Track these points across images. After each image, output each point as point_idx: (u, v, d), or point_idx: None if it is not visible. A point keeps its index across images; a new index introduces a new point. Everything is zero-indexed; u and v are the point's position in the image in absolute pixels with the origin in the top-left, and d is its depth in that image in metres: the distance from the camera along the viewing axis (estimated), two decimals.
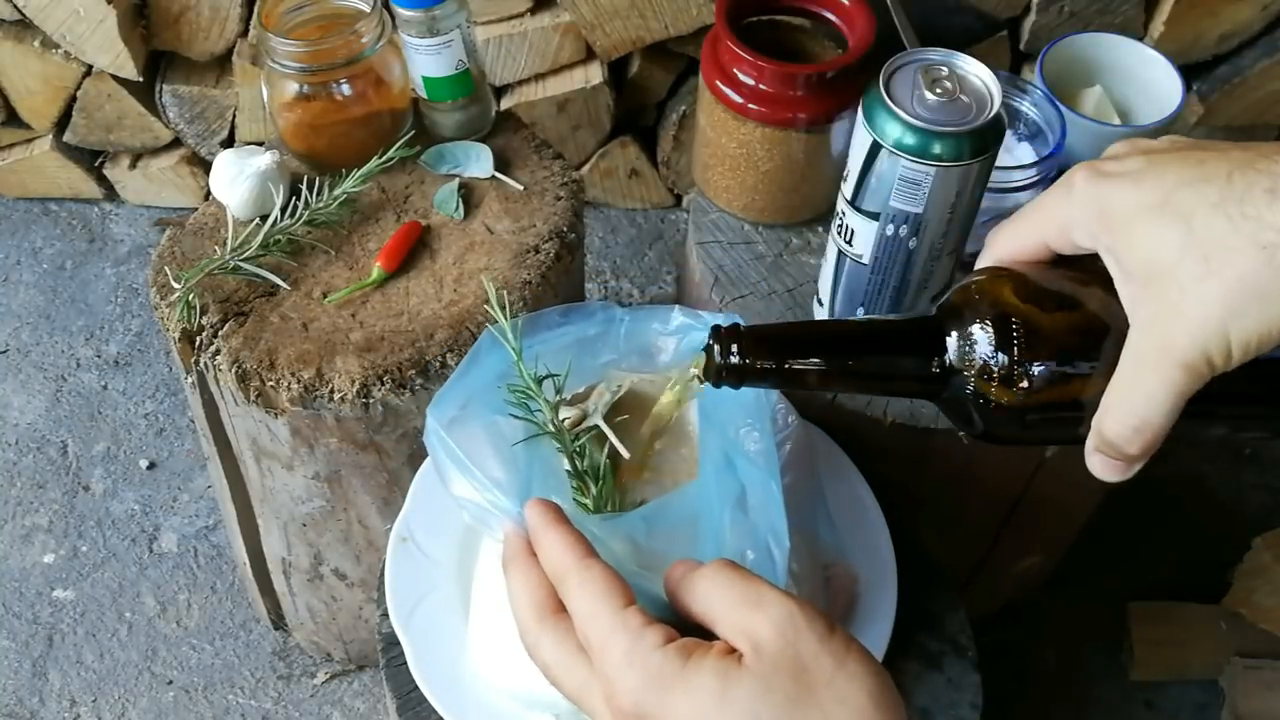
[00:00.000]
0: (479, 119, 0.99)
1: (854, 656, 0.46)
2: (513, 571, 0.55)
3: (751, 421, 0.62)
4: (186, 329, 0.86)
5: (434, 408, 0.61)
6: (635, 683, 0.47)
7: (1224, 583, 1.24)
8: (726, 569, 0.50)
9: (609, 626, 0.48)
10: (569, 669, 0.50)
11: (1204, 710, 1.23)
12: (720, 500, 0.60)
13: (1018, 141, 0.95)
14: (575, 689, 0.50)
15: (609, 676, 0.48)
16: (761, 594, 0.48)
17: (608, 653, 0.48)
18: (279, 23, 0.89)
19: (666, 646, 0.47)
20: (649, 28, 1.39)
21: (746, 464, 0.61)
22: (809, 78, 0.87)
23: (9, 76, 1.49)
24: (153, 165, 1.61)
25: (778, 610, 0.47)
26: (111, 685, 1.24)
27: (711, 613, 0.49)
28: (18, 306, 1.57)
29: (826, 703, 0.45)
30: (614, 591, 0.50)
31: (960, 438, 0.88)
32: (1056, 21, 1.38)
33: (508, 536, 0.56)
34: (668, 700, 0.46)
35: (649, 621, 0.48)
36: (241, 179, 0.90)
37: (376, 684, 1.24)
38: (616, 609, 0.49)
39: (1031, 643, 1.28)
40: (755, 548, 0.58)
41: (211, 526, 1.36)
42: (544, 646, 0.51)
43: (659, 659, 0.47)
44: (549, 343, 0.67)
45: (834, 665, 0.46)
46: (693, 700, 0.46)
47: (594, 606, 0.49)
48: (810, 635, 0.46)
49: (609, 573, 0.51)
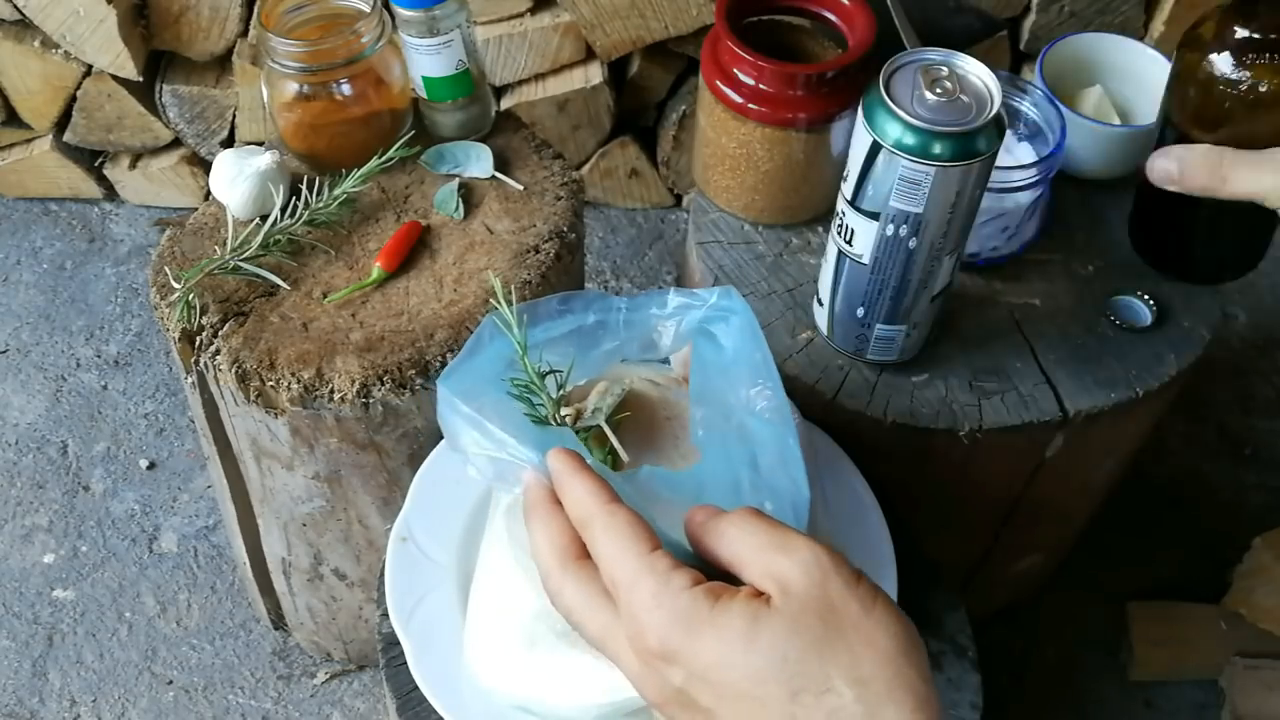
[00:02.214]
0: (479, 119, 0.99)
1: (881, 603, 0.47)
2: (535, 518, 0.54)
3: (761, 381, 0.62)
4: (186, 329, 0.86)
5: (444, 379, 0.60)
6: (663, 623, 0.47)
7: (1224, 583, 1.24)
8: (752, 515, 0.50)
9: (636, 569, 0.48)
10: (593, 612, 0.50)
11: (1204, 710, 1.23)
12: (738, 465, 0.59)
13: (1018, 141, 0.95)
14: (598, 632, 0.50)
15: (636, 617, 0.48)
16: (788, 538, 0.48)
17: (635, 594, 0.48)
18: (279, 23, 0.89)
19: (695, 588, 0.47)
20: (649, 28, 1.39)
21: (759, 424, 0.60)
22: (809, 78, 0.87)
23: (9, 76, 1.49)
24: (153, 165, 1.61)
25: (805, 554, 0.47)
26: (111, 685, 1.24)
27: (738, 557, 0.49)
28: (18, 306, 1.57)
29: (855, 644, 0.45)
30: (640, 535, 0.49)
31: (960, 438, 0.88)
32: (1056, 21, 1.38)
33: (529, 484, 0.56)
34: (696, 641, 0.46)
35: (676, 565, 0.48)
36: (241, 179, 0.90)
37: (376, 684, 1.24)
38: (643, 552, 0.49)
39: (1031, 643, 1.28)
40: (775, 498, 0.57)
41: (211, 526, 1.36)
42: (567, 591, 0.51)
43: (687, 600, 0.47)
44: (548, 331, 0.66)
45: (861, 610, 0.46)
46: (721, 641, 0.46)
47: (620, 549, 0.49)
48: (838, 579, 0.46)
49: (635, 517, 0.50)
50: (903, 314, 0.84)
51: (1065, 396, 0.89)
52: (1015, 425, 0.88)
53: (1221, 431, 1.45)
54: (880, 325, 0.85)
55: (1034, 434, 0.90)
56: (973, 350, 0.92)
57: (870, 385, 0.90)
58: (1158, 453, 0.86)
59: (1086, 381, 0.90)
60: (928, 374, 0.90)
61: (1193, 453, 1.43)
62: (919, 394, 0.89)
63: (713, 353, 0.66)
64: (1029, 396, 0.89)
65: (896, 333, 0.86)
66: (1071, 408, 0.89)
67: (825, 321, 0.89)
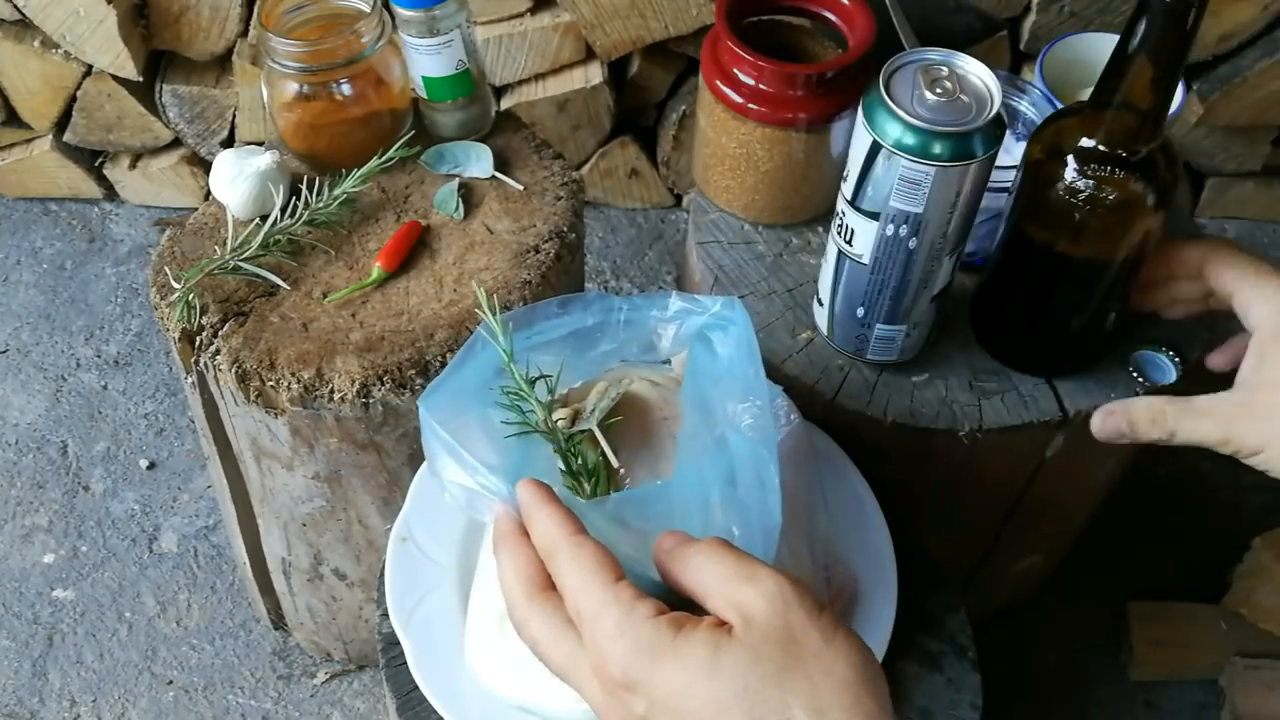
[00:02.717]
0: (479, 119, 0.99)
1: (841, 634, 0.48)
2: (503, 550, 0.55)
3: (751, 398, 0.62)
4: (186, 329, 0.86)
5: (425, 399, 0.61)
6: (626, 652, 0.47)
7: (1224, 583, 1.24)
8: (719, 545, 0.51)
9: (600, 599, 0.49)
10: (557, 642, 0.51)
11: (1204, 710, 1.23)
12: (710, 481, 0.60)
13: (1017, 141, 0.94)
14: (562, 662, 0.51)
15: (599, 647, 0.48)
16: (754, 569, 0.49)
17: (599, 624, 0.49)
18: (279, 23, 0.89)
19: (658, 617, 0.48)
20: (649, 28, 1.39)
21: (739, 439, 0.60)
22: (809, 78, 0.87)
23: (9, 76, 1.49)
24: (153, 165, 1.61)
25: (769, 584, 0.48)
26: (111, 685, 1.24)
27: (703, 586, 0.50)
28: (18, 306, 1.57)
29: (814, 674, 0.46)
30: (605, 566, 0.50)
31: (961, 438, 0.88)
32: (1057, 21, 1.38)
33: (498, 517, 0.57)
34: (658, 670, 0.47)
35: (640, 595, 0.49)
36: (241, 179, 0.90)
37: (376, 684, 1.24)
38: (608, 582, 0.49)
39: (1031, 643, 1.28)
40: (742, 524, 0.58)
41: (211, 526, 1.36)
42: (532, 621, 0.52)
43: (650, 629, 0.47)
44: (546, 333, 0.66)
45: (822, 640, 0.47)
46: (683, 669, 0.46)
47: (585, 580, 0.50)
48: (800, 610, 0.47)
49: (600, 549, 0.51)
50: (903, 314, 0.84)
51: (1065, 396, 0.89)
52: (1015, 425, 0.88)
53: None
54: (880, 325, 0.85)
55: (1034, 434, 0.90)
56: (973, 350, 0.92)
57: (870, 385, 0.90)
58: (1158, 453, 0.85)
59: (1087, 382, 0.90)
60: (928, 374, 0.90)
61: (1193, 453, 1.42)
62: (919, 394, 0.89)
63: (708, 360, 0.66)
64: (1029, 396, 0.89)
65: (896, 333, 0.86)
66: (1072, 408, 0.89)
67: (825, 321, 0.89)
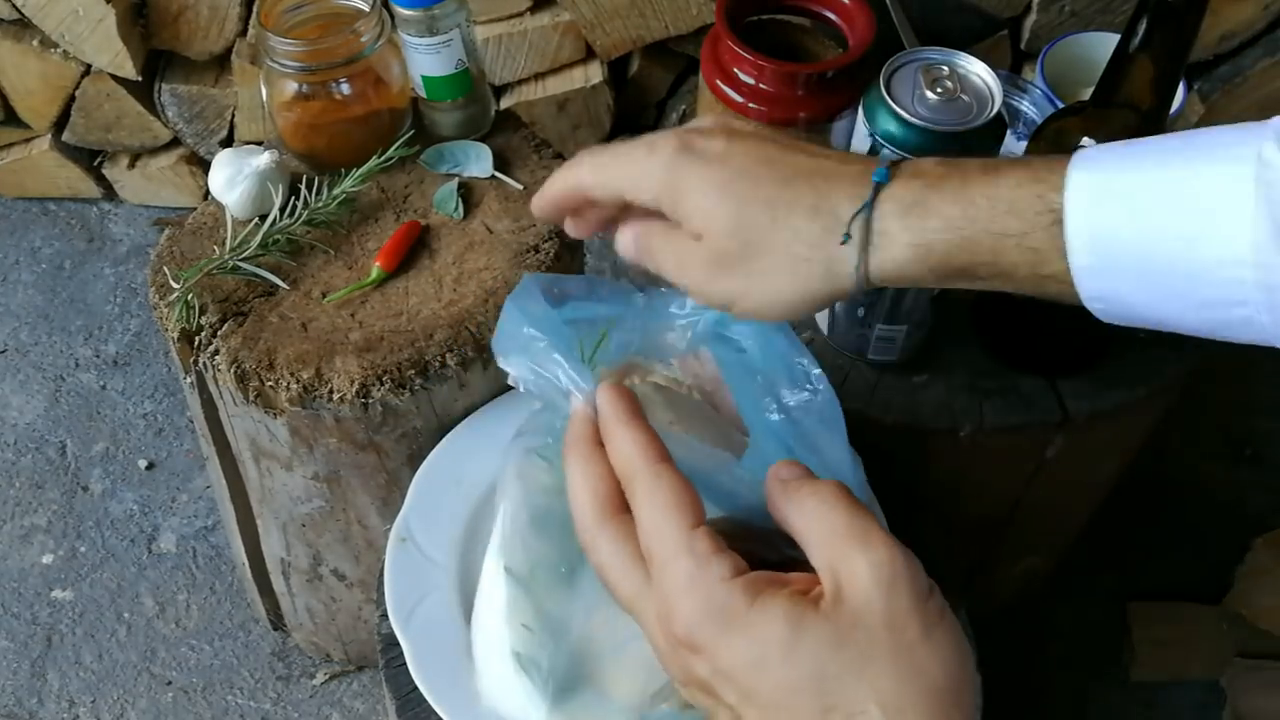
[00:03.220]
0: (479, 118, 0.99)
1: (944, 627, 0.42)
2: (575, 459, 0.51)
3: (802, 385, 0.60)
4: (185, 329, 0.86)
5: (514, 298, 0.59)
6: (694, 612, 0.43)
7: (1224, 583, 1.24)
8: (838, 492, 0.45)
9: (674, 546, 0.45)
10: (624, 574, 0.47)
11: (1204, 710, 1.23)
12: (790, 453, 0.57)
13: (1017, 141, 0.94)
14: (628, 596, 0.47)
15: (667, 598, 0.45)
16: (869, 531, 0.43)
17: (669, 573, 0.45)
18: (278, 22, 0.89)
19: (734, 579, 0.43)
20: (649, 27, 1.39)
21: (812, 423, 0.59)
22: (809, 77, 0.87)
23: (8, 76, 1.49)
24: (152, 165, 1.61)
25: (880, 553, 0.42)
26: (110, 686, 1.24)
27: (810, 533, 0.44)
28: (16, 306, 1.57)
29: (903, 668, 0.41)
30: (684, 506, 0.46)
31: (961, 438, 0.88)
32: (1057, 21, 1.38)
33: (574, 417, 0.52)
34: (727, 639, 0.43)
35: (718, 549, 0.44)
36: (240, 178, 0.90)
37: (376, 684, 1.24)
38: (685, 527, 0.45)
39: (1032, 643, 1.28)
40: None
41: (210, 527, 1.35)
42: (601, 547, 0.48)
43: (724, 592, 0.43)
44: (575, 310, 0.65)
45: (922, 631, 0.42)
46: (755, 644, 0.42)
47: (661, 520, 0.46)
48: (905, 591, 0.42)
49: (681, 483, 0.47)
50: (903, 314, 0.84)
51: (1066, 397, 0.89)
52: (1015, 426, 0.88)
53: (1222, 432, 1.45)
54: (881, 325, 0.85)
55: (1034, 435, 0.90)
56: (973, 350, 0.92)
57: (871, 385, 0.89)
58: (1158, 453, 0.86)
59: (1087, 382, 0.90)
60: (928, 374, 0.90)
61: (1193, 453, 1.43)
62: (919, 394, 0.89)
63: (733, 355, 0.65)
64: (1029, 397, 0.89)
65: (897, 333, 0.86)
66: (1072, 409, 0.89)
67: (825, 321, 0.89)
